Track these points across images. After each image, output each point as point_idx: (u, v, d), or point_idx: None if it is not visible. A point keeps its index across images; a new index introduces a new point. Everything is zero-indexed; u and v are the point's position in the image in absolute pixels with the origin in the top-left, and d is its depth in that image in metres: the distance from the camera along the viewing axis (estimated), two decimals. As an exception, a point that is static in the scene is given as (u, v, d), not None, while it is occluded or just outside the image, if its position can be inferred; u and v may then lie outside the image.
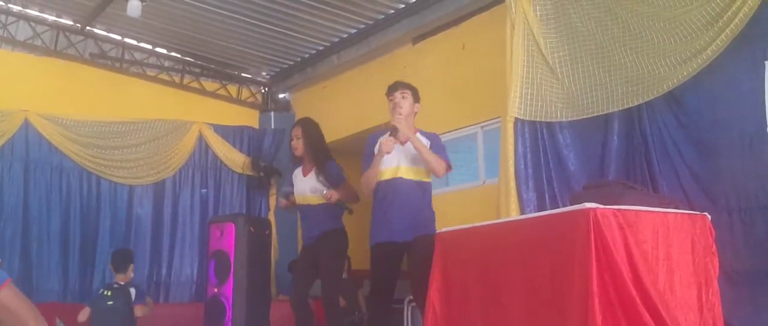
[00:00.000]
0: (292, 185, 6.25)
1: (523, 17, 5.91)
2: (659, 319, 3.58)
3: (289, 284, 8.26)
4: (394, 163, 5.32)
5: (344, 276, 8.47)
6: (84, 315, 6.80)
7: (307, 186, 6.04)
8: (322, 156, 6.07)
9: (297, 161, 6.25)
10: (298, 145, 6.13)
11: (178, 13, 8.49)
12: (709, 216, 4.42)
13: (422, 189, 5.38)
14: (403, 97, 5.39)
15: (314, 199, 5.97)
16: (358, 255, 9.13)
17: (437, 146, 5.40)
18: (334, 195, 5.82)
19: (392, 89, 5.45)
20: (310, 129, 6.19)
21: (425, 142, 5.33)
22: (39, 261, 8.55)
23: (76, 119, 9.04)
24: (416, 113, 5.47)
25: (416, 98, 5.46)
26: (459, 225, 4.82)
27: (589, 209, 3.65)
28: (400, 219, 5.26)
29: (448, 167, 5.38)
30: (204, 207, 9.78)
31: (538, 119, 5.82)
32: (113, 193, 9.21)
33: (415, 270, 5.22)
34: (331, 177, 5.96)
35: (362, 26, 8.49)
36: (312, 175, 6.02)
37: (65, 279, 8.71)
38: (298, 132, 6.15)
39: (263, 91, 10.76)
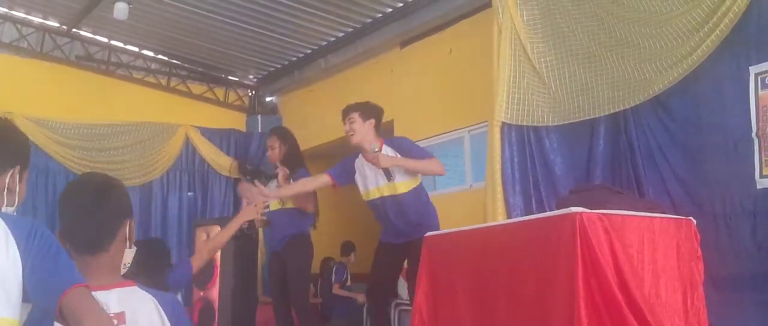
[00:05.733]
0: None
1: (510, 22, 5.92)
2: (645, 323, 3.59)
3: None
4: (373, 184, 5.32)
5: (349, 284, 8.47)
6: None
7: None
8: (296, 163, 6.22)
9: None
10: (273, 156, 6.28)
11: (165, 16, 8.45)
12: (695, 221, 4.44)
13: (415, 194, 5.34)
14: (352, 123, 5.33)
15: (276, 204, 6.16)
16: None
17: (409, 151, 5.32)
18: (272, 196, 5.88)
19: (342, 117, 5.41)
20: (288, 137, 6.35)
21: (392, 153, 5.25)
22: (25, 263, 8.49)
23: (62, 121, 9.00)
24: (375, 127, 5.38)
25: (366, 116, 5.35)
26: (446, 229, 4.83)
27: (576, 213, 3.65)
28: (399, 226, 5.33)
29: (434, 159, 5.32)
30: (192, 210, 9.76)
31: (524, 123, 5.82)
32: (99, 196, 9.15)
33: (412, 270, 5.27)
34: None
35: (350, 30, 8.47)
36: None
37: (52, 281, 8.64)
38: (274, 142, 6.21)
39: (250, 94, 10.73)
